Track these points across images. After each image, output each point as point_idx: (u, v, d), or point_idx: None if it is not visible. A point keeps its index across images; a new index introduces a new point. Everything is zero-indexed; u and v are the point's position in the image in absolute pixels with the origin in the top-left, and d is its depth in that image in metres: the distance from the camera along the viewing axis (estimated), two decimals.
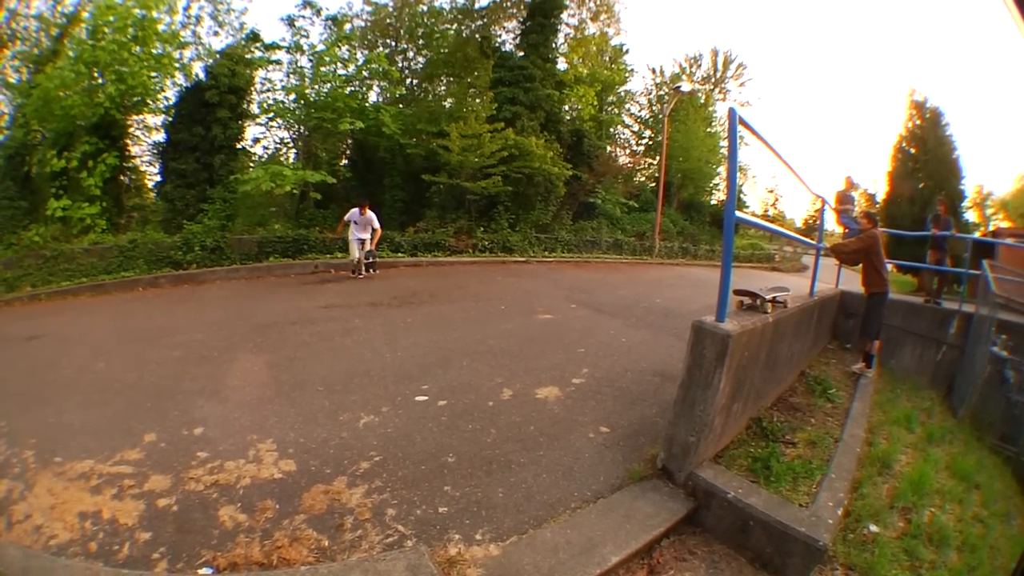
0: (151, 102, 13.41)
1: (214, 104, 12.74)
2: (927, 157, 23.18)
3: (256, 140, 15.97)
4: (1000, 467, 6.28)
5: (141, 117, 14.12)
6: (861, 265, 7.42)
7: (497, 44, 18.75)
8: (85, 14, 13.65)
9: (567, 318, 7.34)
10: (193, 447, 3.18)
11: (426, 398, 4.00)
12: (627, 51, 26.39)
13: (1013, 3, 1.66)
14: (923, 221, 10.11)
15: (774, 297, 4.47)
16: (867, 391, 6.62)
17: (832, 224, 11.77)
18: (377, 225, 10.69)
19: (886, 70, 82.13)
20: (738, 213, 3.49)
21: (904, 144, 24.31)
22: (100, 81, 11.99)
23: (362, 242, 10.52)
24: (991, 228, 31.22)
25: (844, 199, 9.12)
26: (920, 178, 21.85)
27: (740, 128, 3.36)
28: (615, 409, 4.02)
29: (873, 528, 3.70)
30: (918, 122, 24.86)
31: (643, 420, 3.90)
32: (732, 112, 3.36)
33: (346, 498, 2.72)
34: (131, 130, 13.84)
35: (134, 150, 14.39)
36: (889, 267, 8.49)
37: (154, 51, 12.66)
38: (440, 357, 5.07)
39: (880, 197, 25.00)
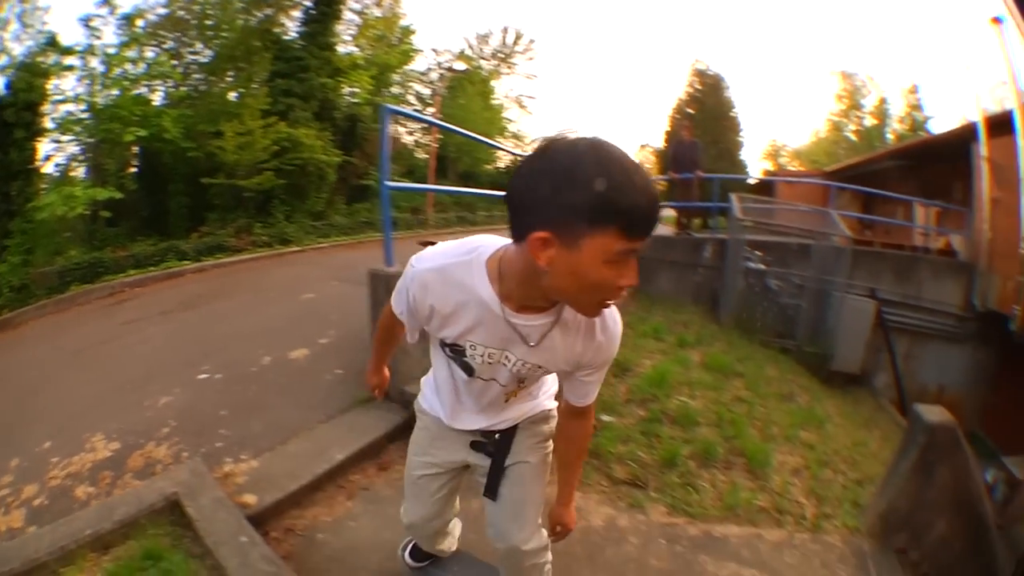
0: None
1: (12, 124, 12.13)
2: (704, 116, 27.25)
3: (48, 158, 15.08)
4: (776, 358, 7.56)
5: None
6: None
7: (281, 34, 18.57)
8: None
9: (327, 294, 8.39)
10: (47, 456, 3.99)
11: (207, 375, 5.07)
12: (415, 32, 27.08)
13: (1013, 3, 1.81)
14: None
15: None
16: None
17: None
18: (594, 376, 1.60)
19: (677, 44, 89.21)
20: (391, 183, 4.31)
21: (683, 106, 28.57)
22: None
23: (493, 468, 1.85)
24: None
25: None
26: (697, 135, 24.90)
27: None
28: (352, 356, 5.14)
29: (605, 418, 4.22)
30: (699, 87, 29.14)
31: None
32: (382, 108, 4.53)
33: (156, 454, 3.70)
34: None
35: None
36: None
37: None
38: (218, 344, 6.10)
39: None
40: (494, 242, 1.39)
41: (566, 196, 1.03)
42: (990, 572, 3.84)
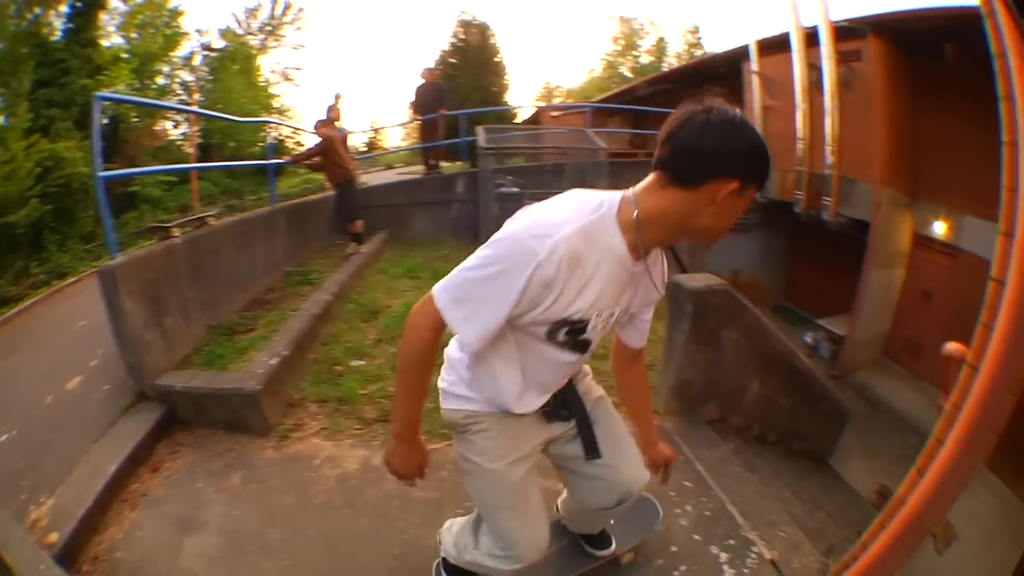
0: None
1: None
2: (467, 63, 28.40)
3: None
4: None
5: None
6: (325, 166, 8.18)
7: (48, 36, 16.59)
8: None
9: (98, 318, 7.35)
10: None
11: (5, 436, 4.91)
12: (183, 13, 25.39)
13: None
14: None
15: (195, 222, 5.53)
16: (354, 264, 7.19)
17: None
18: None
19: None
20: (105, 173, 4.32)
21: (446, 57, 29.52)
22: None
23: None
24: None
25: (330, 111, 9.87)
26: (462, 82, 27.78)
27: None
28: (117, 371, 5.11)
29: (354, 363, 4.40)
30: (463, 37, 29.91)
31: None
32: (94, 96, 4.42)
33: None
34: None
35: None
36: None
37: None
38: (9, 402, 5.71)
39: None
40: (611, 195, 1.39)
41: (753, 153, 1.24)
42: (837, 416, 4.21)
